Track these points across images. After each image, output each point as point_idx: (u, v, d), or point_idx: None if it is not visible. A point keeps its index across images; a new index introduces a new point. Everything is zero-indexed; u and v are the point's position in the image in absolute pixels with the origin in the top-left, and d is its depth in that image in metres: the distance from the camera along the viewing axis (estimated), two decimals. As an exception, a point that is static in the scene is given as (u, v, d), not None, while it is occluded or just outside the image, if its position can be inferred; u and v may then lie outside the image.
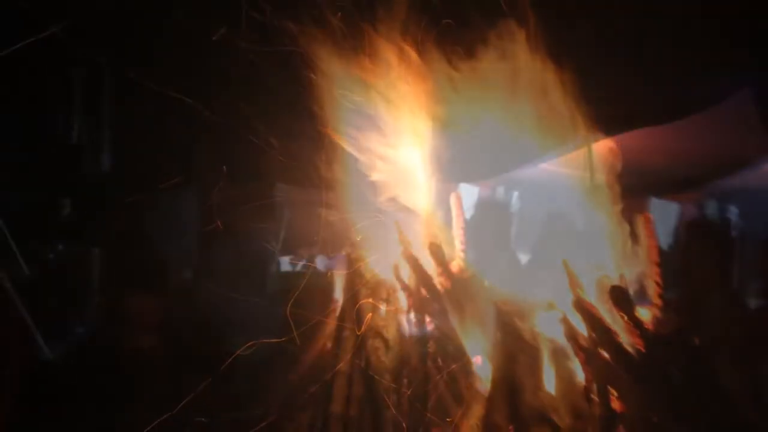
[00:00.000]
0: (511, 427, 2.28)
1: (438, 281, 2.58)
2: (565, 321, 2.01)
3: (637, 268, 2.18)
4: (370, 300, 2.54)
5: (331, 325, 2.65)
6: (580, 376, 1.96)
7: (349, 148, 2.70)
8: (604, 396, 1.85)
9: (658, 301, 2.15)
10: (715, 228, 6.14)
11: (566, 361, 1.99)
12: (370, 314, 2.47)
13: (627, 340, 1.96)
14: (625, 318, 1.96)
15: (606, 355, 1.90)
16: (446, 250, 2.70)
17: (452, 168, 2.78)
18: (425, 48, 2.62)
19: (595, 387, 1.90)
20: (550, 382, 1.94)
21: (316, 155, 2.66)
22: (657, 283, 2.17)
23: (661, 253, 2.23)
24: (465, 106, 2.61)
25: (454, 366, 2.46)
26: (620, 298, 1.96)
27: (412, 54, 2.62)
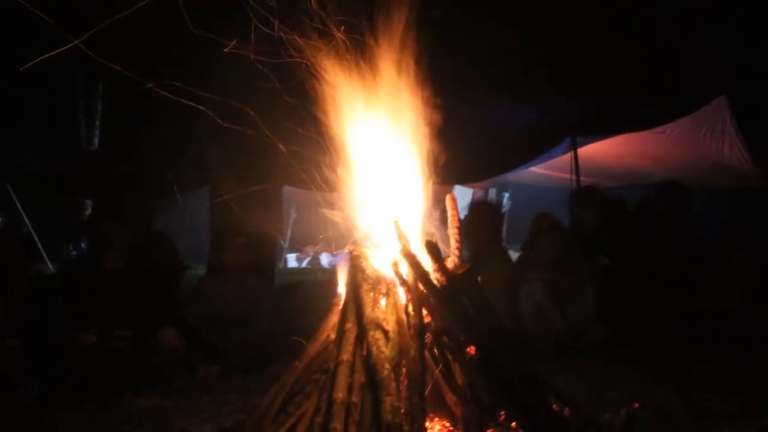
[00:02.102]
0: (502, 412, 2.30)
1: (434, 277, 2.59)
2: (394, 264, 2.62)
3: (445, 231, 2.87)
4: (371, 294, 2.53)
5: (334, 317, 2.65)
6: (403, 300, 2.58)
7: (350, 152, 2.70)
8: (418, 312, 2.48)
9: (456, 252, 2.83)
10: (490, 205, 8.53)
11: (394, 288, 2.60)
12: (371, 307, 2.47)
13: (435, 276, 2.60)
14: (434, 262, 2.62)
15: (421, 286, 2.54)
16: (442, 247, 2.71)
17: (448, 171, 2.78)
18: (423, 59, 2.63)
19: (412, 306, 2.52)
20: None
21: (321, 159, 2.66)
22: (456, 240, 2.83)
23: (460, 221, 2.90)
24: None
25: (449, 356, 2.47)
26: (432, 249, 2.64)
27: (411, 64, 2.62)
